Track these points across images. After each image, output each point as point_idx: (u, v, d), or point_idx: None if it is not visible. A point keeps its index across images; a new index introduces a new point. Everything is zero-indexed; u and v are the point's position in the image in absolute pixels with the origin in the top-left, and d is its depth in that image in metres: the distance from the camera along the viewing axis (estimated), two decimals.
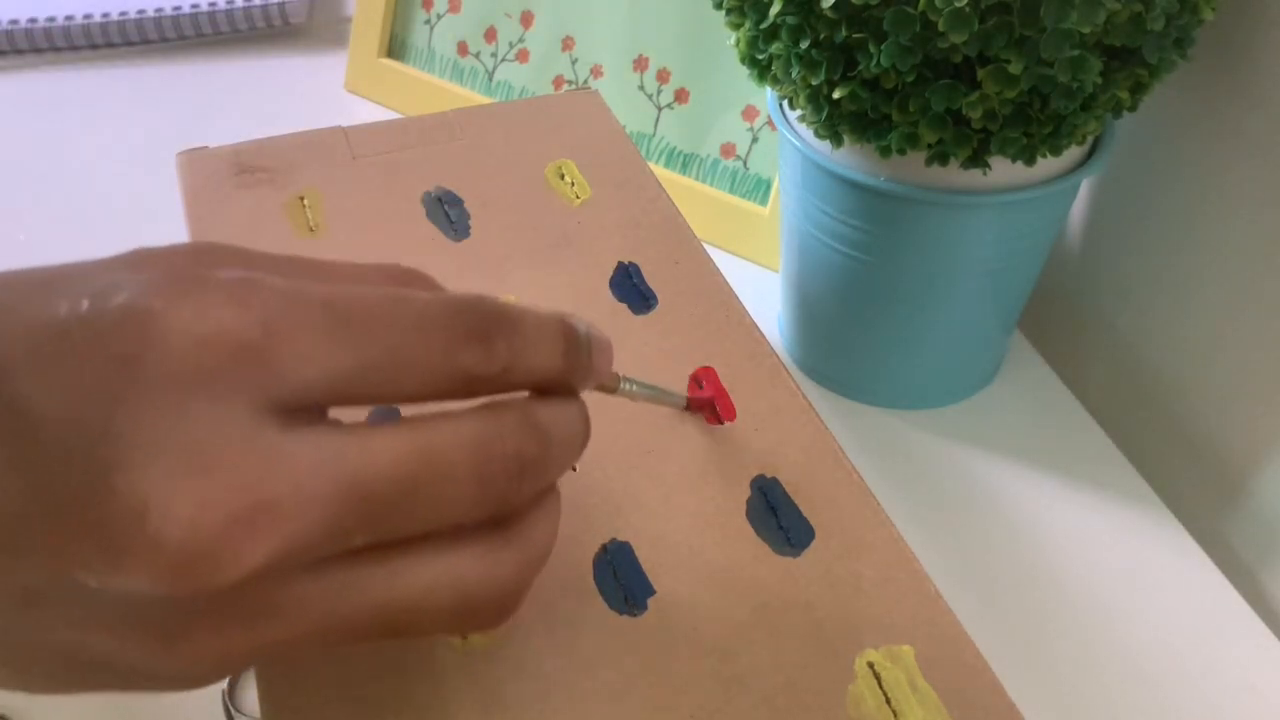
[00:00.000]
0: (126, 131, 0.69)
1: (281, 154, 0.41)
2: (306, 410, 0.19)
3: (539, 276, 0.36)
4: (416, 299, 0.20)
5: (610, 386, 0.27)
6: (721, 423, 0.32)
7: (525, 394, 0.23)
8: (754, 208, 0.57)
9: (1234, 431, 0.45)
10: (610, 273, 0.37)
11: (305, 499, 0.18)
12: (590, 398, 0.27)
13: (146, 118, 0.70)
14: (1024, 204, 0.41)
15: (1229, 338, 0.45)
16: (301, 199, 0.39)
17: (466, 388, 0.21)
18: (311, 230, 0.37)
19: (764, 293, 0.56)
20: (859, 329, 0.47)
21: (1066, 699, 0.38)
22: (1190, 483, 0.48)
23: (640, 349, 0.34)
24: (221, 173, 0.40)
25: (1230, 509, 0.46)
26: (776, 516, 0.29)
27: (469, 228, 0.38)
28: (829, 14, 0.35)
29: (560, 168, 0.41)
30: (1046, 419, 0.49)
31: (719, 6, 0.40)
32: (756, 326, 0.35)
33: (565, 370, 0.22)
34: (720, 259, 0.58)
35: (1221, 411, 0.46)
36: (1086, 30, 0.33)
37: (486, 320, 0.21)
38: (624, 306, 0.35)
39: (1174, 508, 0.45)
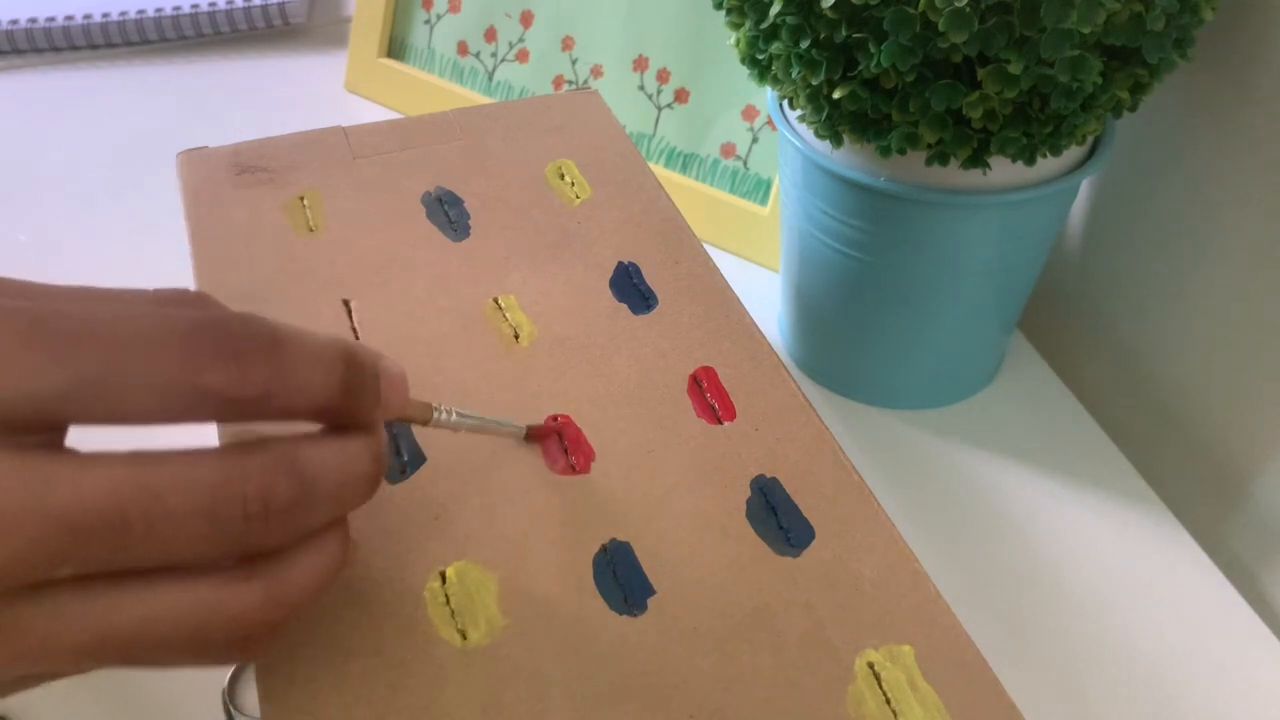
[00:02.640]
0: (127, 131, 0.69)
1: (281, 154, 0.41)
2: (16, 430, 0.18)
3: (539, 276, 0.36)
4: (151, 315, 0.20)
5: (420, 418, 0.26)
6: (721, 423, 0.32)
7: (316, 427, 0.22)
8: (754, 208, 0.57)
9: (1234, 431, 0.45)
10: (610, 273, 0.37)
11: None
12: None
13: (146, 118, 0.70)
14: (1024, 204, 0.41)
15: (1229, 337, 0.45)
16: (301, 199, 0.39)
17: (218, 410, 0.20)
18: (311, 230, 0.37)
19: (764, 293, 0.56)
20: (859, 329, 0.47)
21: (1066, 699, 0.38)
22: (1190, 483, 0.48)
23: (639, 349, 0.34)
24: (221, 173, 0.40)
25: (1230, 509, 0.46)
26: (776, 516, 0.29)
27: (469, 227, 0.38)
28: (829, 14, 0.35)
29: (560, 168, 0.41)
30: (1046, 419, 0.49)
31: (719, 6, 0.40)
32: (756, 326, 0.35)
33: (345, 400, 0.22)
34: (720, 259, 0.58)
35: (1221, 411, 0.46)
36: (1086, 30, 0.33)
37: (240, 340, 0.20)
38: (624, 306, 0.35)
39: (1174, 508, 0.45)
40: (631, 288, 0.36)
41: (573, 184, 0.40)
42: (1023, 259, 0.44)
